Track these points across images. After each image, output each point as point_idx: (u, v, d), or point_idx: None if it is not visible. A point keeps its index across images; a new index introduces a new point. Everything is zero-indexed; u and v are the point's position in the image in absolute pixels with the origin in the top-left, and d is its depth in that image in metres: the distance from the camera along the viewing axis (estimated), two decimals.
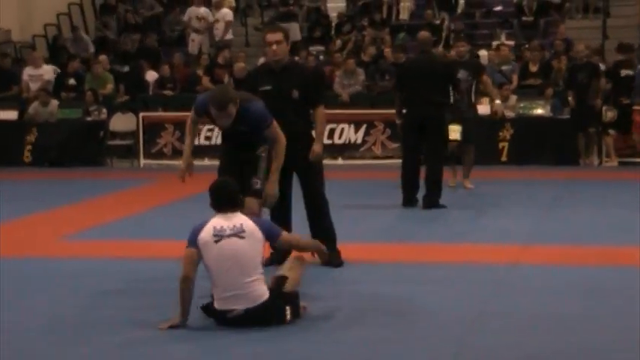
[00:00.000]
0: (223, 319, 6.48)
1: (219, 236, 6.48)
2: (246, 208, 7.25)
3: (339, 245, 8.76)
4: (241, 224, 6.55)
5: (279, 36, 8.59)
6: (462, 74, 12.97)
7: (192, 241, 6.48)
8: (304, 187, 8.74)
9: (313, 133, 8.82)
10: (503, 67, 18.90)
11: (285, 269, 6.83)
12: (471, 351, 6.06)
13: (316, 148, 8.60)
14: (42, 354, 6.08)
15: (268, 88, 8.55)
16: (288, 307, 6.59)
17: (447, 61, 14.41)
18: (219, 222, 6.53)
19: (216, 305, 6.50)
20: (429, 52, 12.59)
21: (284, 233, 6.87)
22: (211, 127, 18.44)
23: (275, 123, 7.72)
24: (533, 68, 18.95)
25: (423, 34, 12.82)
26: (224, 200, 6.63)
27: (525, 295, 7.46)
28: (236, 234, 6.50)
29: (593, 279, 7.98)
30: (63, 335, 6.48)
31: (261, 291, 6.51)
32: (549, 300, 7.27)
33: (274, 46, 8.54)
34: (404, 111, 12.38)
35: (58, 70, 20.63)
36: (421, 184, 12.14)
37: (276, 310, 6.55)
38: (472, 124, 13.46)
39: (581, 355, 5.90)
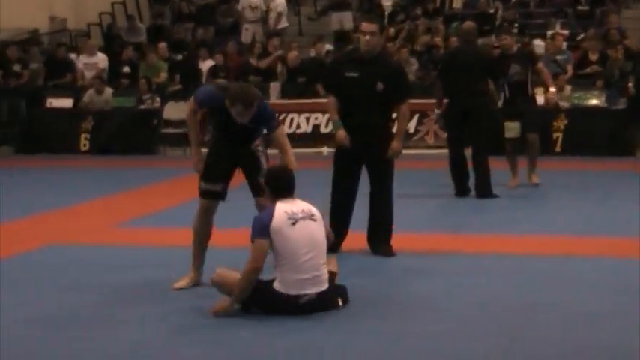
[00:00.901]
0: (293, 305, 6.49)
1: (293, 219, 6.53)
2: (260, 208, 7.17)
3: (393, 234, 8.75)
4: (309, 208, 6.66)
5: (374, 27, 8.64)
6: (513, 69, 12.57)
7: (263, 231, 6.47)
8: (372, 180, 8.74)
9: (392, 128, 8.81)
10: (558, 57, 18.74)
11: (331, 265, 6.88)
12: (523, 343, 6.03)
13: (395, 145, 8.61)
14: (95, 337, 6.14)
15: (355, 75, 8.57)
16: (339, 299, 6.72)
17: (491, 53, 14.18)
18: (286, 207, 6.56)
19: (287, 291, 6.49)
20: (472, 42, 12.52)
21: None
22: None
23: (282, 125, 7.70)
24: (593, 57, 18.75)
25: (468, 24, 12.75)
26: (286, 187, 6.68)
27: (577, 288, 7.40)
28: (308, 217, 6.60)
29: None
30: (113, 321, 6.55)
31: (327, 275, 6.66)
32: (601, 293, 7.20)
33: (368, 37, 8.57)
34: (446, 101, 12.35)
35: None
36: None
37: (333, 299, 6.67)
38: (533, 115, 12.98)
39: (636, 351, 5.84)
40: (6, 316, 6.62)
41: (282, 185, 6.69)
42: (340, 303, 6.70)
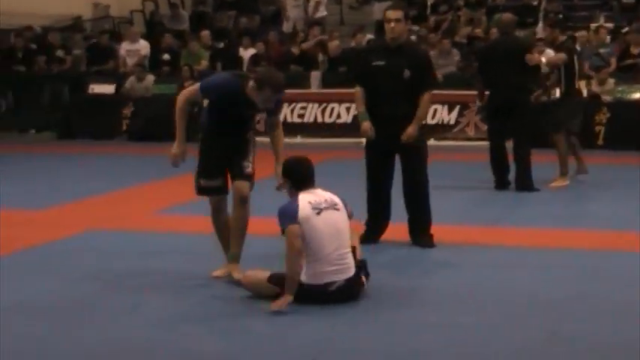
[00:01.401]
0: (323, 294, 6.50)
1: (318, 209, 6.54)
2: (238, 190, 7.20)
3: (432, 225, 8.72)
4: (331, 198, 6.67)
5: (399, 14, 8.59)
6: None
7: (292, 219, 6.47)
8: (405, 170, 8.71)
9: None
10: (601, 50, 18.58)
11: (353, 240, 6.86)
12: (563, 337, 5.99)
13: (410, 129, 8.54)
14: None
15: (382, 63, 8.55)
16: (362, 275, 6.74)
17: (530, 44, 13.99)
18: (309, 197, 6.57)
19: (315, 281, 6.49)
20: (511, 34, 12.43)
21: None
22: (304, 104, 18.59)
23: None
24: (635, 50, 18.57)
25: (506, 15, 12.66)
26: (307, 177, 6.69)
27: (619, 283, 7.32)
28: (332, 207, 6.61)
29: None
30: (152, 304, 6.57)
31: (352, 261, 6.65)
32: None
33: (392, 24, 8.54)
34: (487, 93, 12.27)
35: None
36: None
37: (359, 282, 6.70)
38: (559, 113, 12.65)
39: None
40: (41, 300, 6.67)
41: (303, 176, 6.70)
42: (364, 280, 6.74)
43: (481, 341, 5.87)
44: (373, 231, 8.68)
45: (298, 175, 6.71)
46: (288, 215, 6.49)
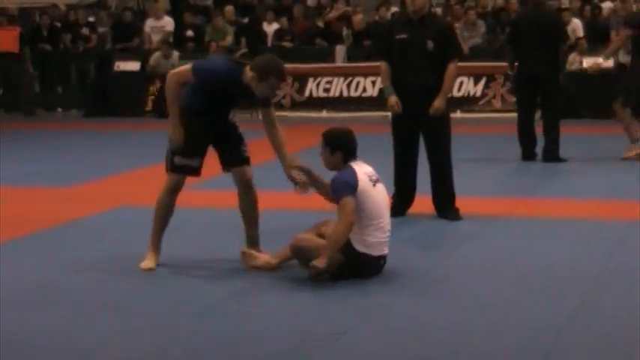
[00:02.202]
0: (376, 267, 6.55)
1: (373, 180, 6.59)
2: (243, 176, 6.98)
3: (458, 198, 8.71)
4: (372, 169, 6.66)
5: None
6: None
7: (350, 189, 6.45)
8: (429, 144, 8.69)
9: None
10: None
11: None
12: (591, 308, 5.98)
13: (437, 102, 8.51)
14: (158, 299, 6.21)
15: (404, 36, 8.53)
16: None
17: (561, 16, 13.91)
18: (360, 169, 6.58)
19: (370, 252, 6.51)
20: (541, 4, 12.35)
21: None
22: (330, 79, 18.57)
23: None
24: None
25: None
26: (355, 148, 6.68)
27: None
28: (378, 179, 6.65)
29: None
30: (182, 282, 6.61)
31: None
32: None
33: None
34: (516, 64, 12.20)
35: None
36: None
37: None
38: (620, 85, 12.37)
39: None
40: (71, 275, 6.73)
41: (353, 146, 6.67)
42: None
43: (509, 312, 5.86)
44: (400, 204, 8.68)
45: (350, 146, 6.66)
46: (349, 185, 6.46)
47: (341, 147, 6.63)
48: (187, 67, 6.84)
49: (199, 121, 6.90)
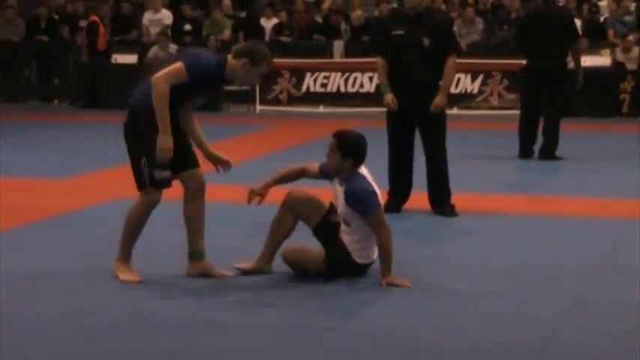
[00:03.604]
0: (363, 273, 6.52)
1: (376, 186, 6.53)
2: (198, 179, 6.54)
3: (454, 195, 8.72)
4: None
5: None
6: None
7: (379, 197, 6.39)
8: (425, 140, 8.70)
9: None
10: (626, 18, 18.46)
11: None
12: (587, 305, 5.99)
13: (438, 99, 8.51)
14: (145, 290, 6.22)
15: (400, 32, 8.52)
16: None
17: (571, 13, 13.90)
18: (368, 174, 6.48)
19: (363, 261, 6.47)
20: (551, 2, 12.32)
21: None
22: (327, 74, 18.57)
23: None
24: None
25: None
26: (366, 153, 6.51)
27: None
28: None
29: None
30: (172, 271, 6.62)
31: None
32: None
33: None
34: (524, 62, 12.19)
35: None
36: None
37: None
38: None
39: None
40: (69, 269, 6.73)
41: (365, 154, 6.47)
42: None
43: (504, 308, 5.87)
44: (396, 200, 8.68)
45: (364, 155, 6.46)
46: (375, 197, 6.33)
47: (354, 154, 6.40)
48: (177, 66, 6.24)
49: (171, 123, 6.26)
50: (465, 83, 17.89)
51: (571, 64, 12.36)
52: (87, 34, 19.44)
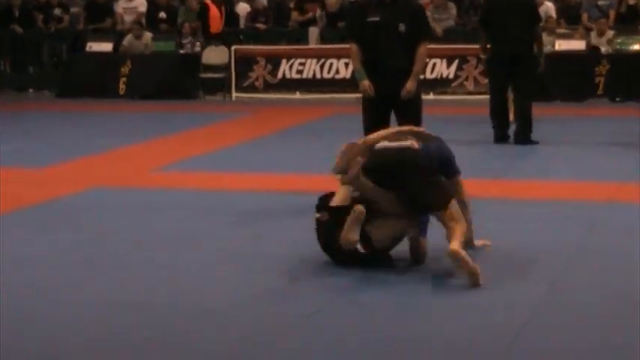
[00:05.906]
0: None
1: None
2: None
3: None
4: None
5: None
6: None
7: None
8: (401, 125, 8.68)
9: None
10: (600, 2, 18.52)
11: None
12: (565, 289, 6.01)
13: (409, 85, 8.52)
14: (128, 279, 6.20)
15: (376, 19, 8.50)
16: None
17: None
18: None
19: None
20: None
21: None
22: (303, 60, 18.55)
23: None
24: (632, 1, 18.53)
25: None
26: None
27: (621, 234, 7.32)
28: None
29: None
30: (153, 262, 6.60)
31: None
32: None
33: None
34: (488, 47, 12.22)
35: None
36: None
37: None
38: None
39: None
40: (49, 259, 6.70)
41: None
42: None
43: (480, 292, 5.88)
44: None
45: None
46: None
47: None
48: None
49: None
50: (440, 68, 17.91)
51: (546, 48, 12.43)
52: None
